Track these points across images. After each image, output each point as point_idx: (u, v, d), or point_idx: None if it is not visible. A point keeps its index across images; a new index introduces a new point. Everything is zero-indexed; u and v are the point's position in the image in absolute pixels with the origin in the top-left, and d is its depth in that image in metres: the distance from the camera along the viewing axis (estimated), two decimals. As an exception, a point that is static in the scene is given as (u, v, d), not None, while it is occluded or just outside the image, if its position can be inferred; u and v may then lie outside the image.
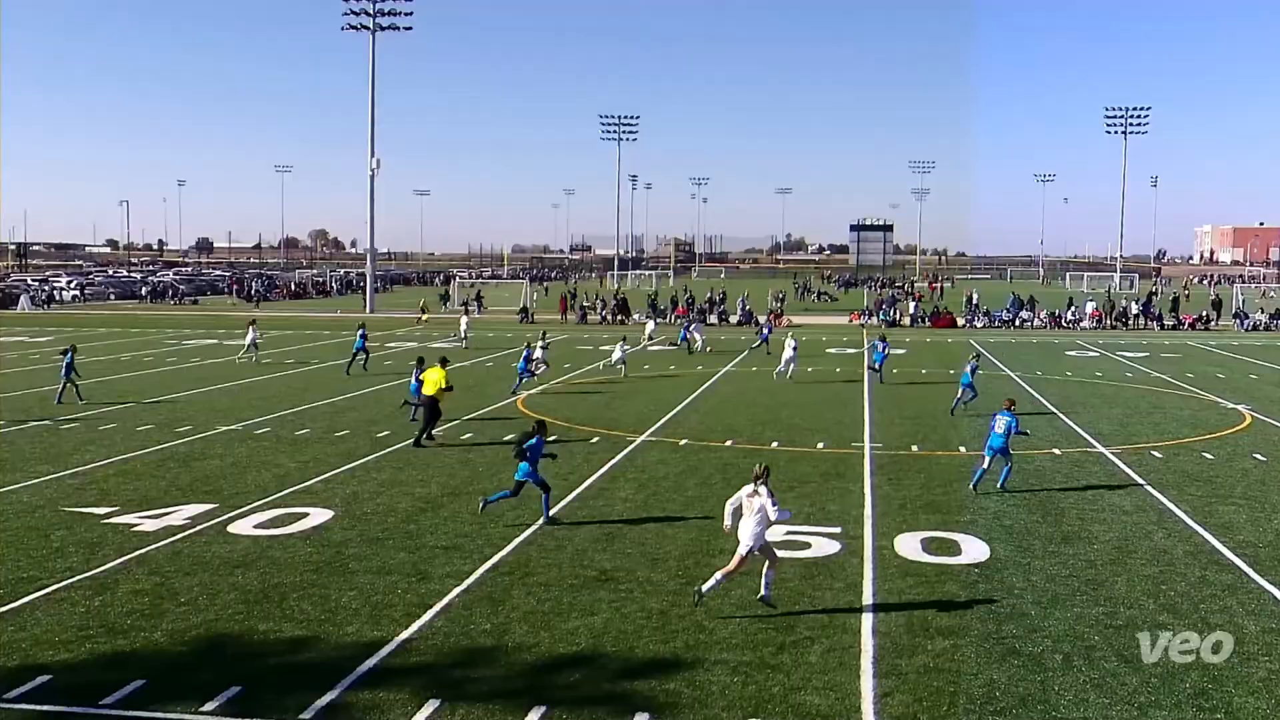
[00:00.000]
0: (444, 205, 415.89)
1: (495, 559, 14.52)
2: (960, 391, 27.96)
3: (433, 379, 23.40)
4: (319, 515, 16.81)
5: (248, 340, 40.10)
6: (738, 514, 12.71)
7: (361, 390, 32.09)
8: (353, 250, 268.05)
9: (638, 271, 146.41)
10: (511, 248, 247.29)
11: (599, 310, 69.86)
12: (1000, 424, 18.68)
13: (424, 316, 64.78)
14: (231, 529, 16.02)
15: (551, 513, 16.55)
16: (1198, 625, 12.01)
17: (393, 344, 48.94)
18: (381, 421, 26.00)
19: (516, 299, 77.84)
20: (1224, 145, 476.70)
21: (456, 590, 13.21)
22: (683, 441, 23.49)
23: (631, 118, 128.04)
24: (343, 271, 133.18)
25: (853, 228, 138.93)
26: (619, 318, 67.85)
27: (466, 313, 59.71)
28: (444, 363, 24.17)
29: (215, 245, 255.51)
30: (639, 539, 15.59)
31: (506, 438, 23.74)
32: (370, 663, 10.94)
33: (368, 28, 78.10)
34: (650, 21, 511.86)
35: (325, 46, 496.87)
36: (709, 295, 75.60)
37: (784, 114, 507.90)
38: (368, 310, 75.88)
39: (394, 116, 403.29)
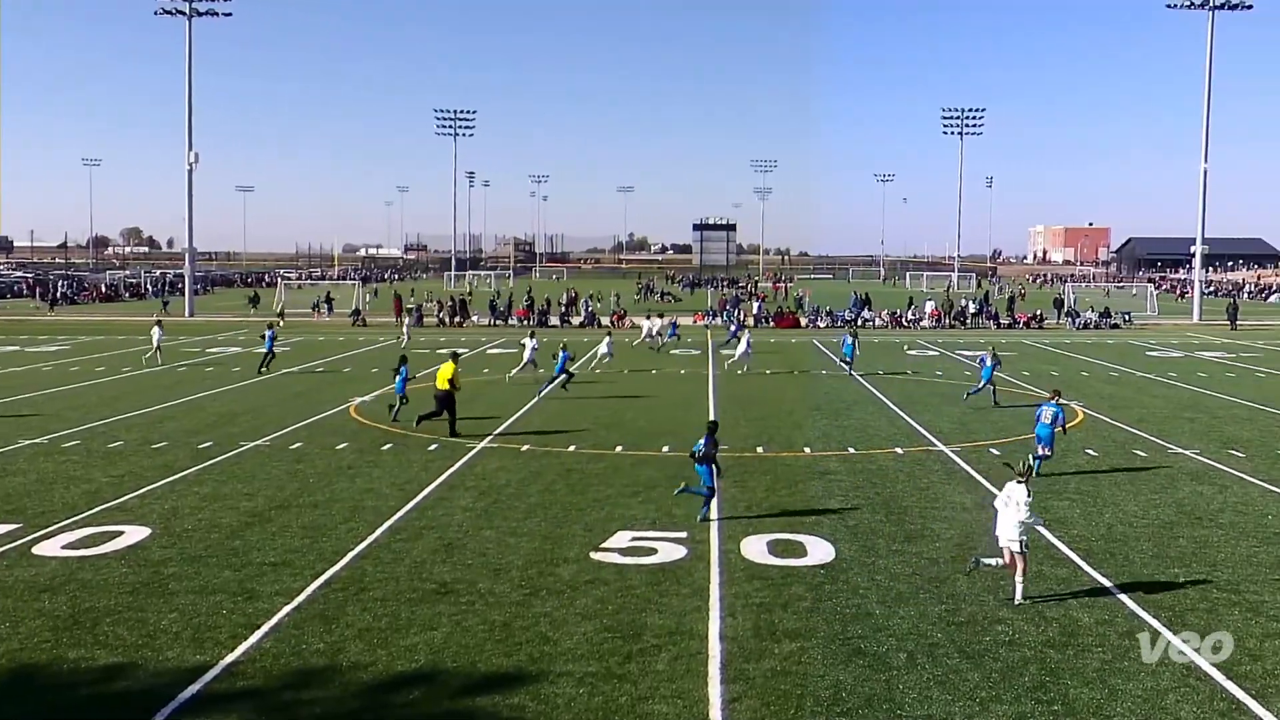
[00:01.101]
0: (269, 202, 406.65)
1: (328, 574, 14.21)
2: (981, 385, 30.10)
3: (444, 373, 25.34)
4: (135, 533, 16.16)
5: (155, 341, 41.21)
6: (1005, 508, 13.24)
7: (181, 399, 31.01)
8: (170, 250, 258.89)
9: (476, 272, 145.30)
10: (343, 247, 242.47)
11: (436, 313, 69.07)
12: (1047, 414, 20.68)
13: (280, 321, 63.02)
14: (37, 550, 15.26)
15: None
16: (1035, 619, 12.54)
17: (215, 349, 47.39)
18: (203, 431, 25.17)
19: (348, 301, 76.39)
20: (1056, 147, 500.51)
21: (286, 609, 12.87)
22: (525, 447, 23.41)
23: (468, 112, 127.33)
24: (159, 273, 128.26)
25: (696, 227, 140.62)
26: (457, 320, 67.22)
27: (316, 314, 59.14)
28: (455, 357, 26.54)
29: (15, 245, 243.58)
30: (480, 549, 15.46)
31: (339, 446, 23.28)
32: (193, 689, 10.56)
33: (183, 12, 75.47)
34: (487, 13, 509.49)
35: (139, 30, 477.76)
36: (566, 296, 75.35)
37: (625, 111, 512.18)
38: (187, 314, 73.35)
39: (214, 108, 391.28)
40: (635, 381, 36.18)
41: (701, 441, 17.45)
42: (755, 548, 15.54)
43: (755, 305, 73.57)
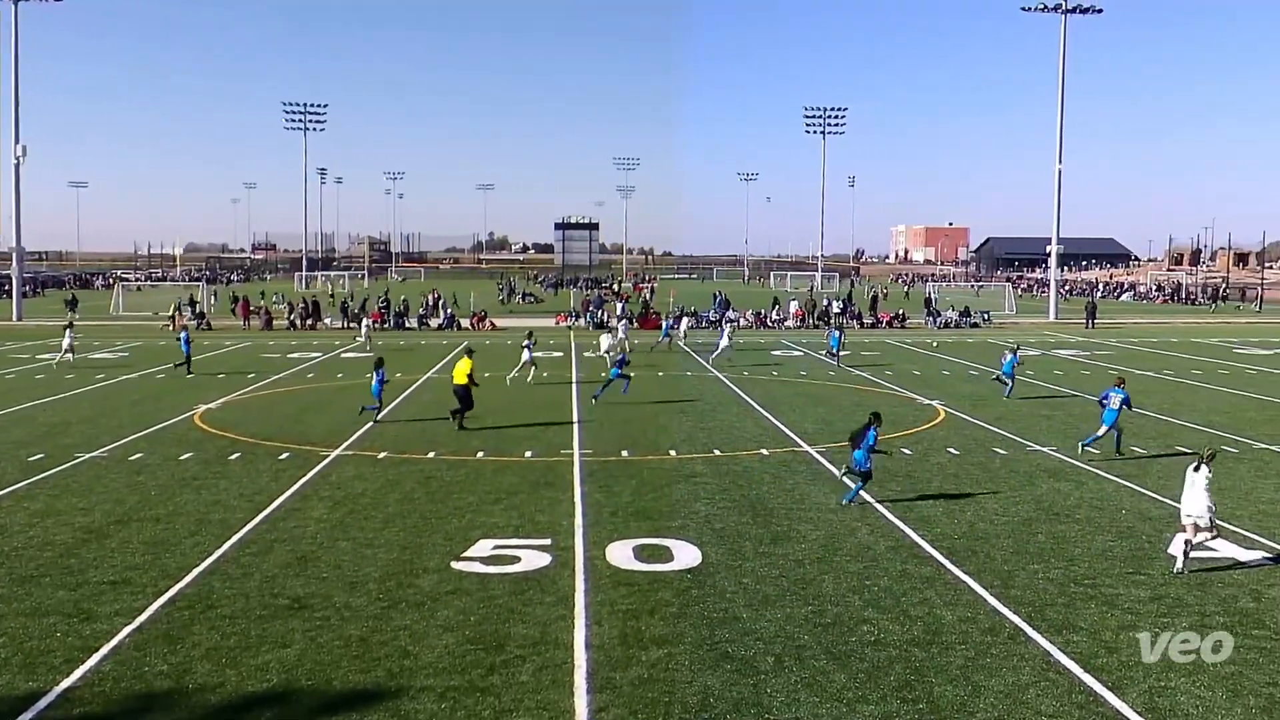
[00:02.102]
0: (105, 199, 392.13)
1: (172, 592, 13.79)
2: (1008, 383, 32.53)
3: (461, 369, 26.97)
4: (-42, 553, 15.43)
5: (64, 344, 40.99)
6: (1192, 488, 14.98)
7: (9, 409, 29.74)
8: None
9: (329, 272, 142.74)
10: (185, 247, 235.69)
11: (286, 315, 67.62)
12: (1115, 400, 23.01)
13: (175, 322, 60.90)
14: None
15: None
16: (899, 618, 12.87)
17: (46, 355, 45.56)
18: (34, 443, 24.19)
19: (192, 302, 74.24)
20: (916, 147, 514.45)
21: (127, 629, 12.44)
22: (381, 454, 23.08)
23: (319, 106, 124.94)
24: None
25: (558, 226, 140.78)
26: (309, 323, 65.92)
27: (173, 319, 57.72)
28: (470, 353, 28.17)
29: None
30: (335, 562, 15.19)
31: (182, 457, 22.62)
32: (25, 718, 10.13)
33: (8, -4, 72.35)
34: (338, 1, 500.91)
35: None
36: (431, 297, 74.32)
37: (484, 107, 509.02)
38: (15, 318, 70.31)
39: (43, 98, 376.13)
40: (496, 386, 35.96)
41: (872, 432, 18.59)
42: (621, 553, 15.60)
43: (619, 306, 73.86)
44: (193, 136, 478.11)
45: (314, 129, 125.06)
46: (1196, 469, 15.05)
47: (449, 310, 68.74)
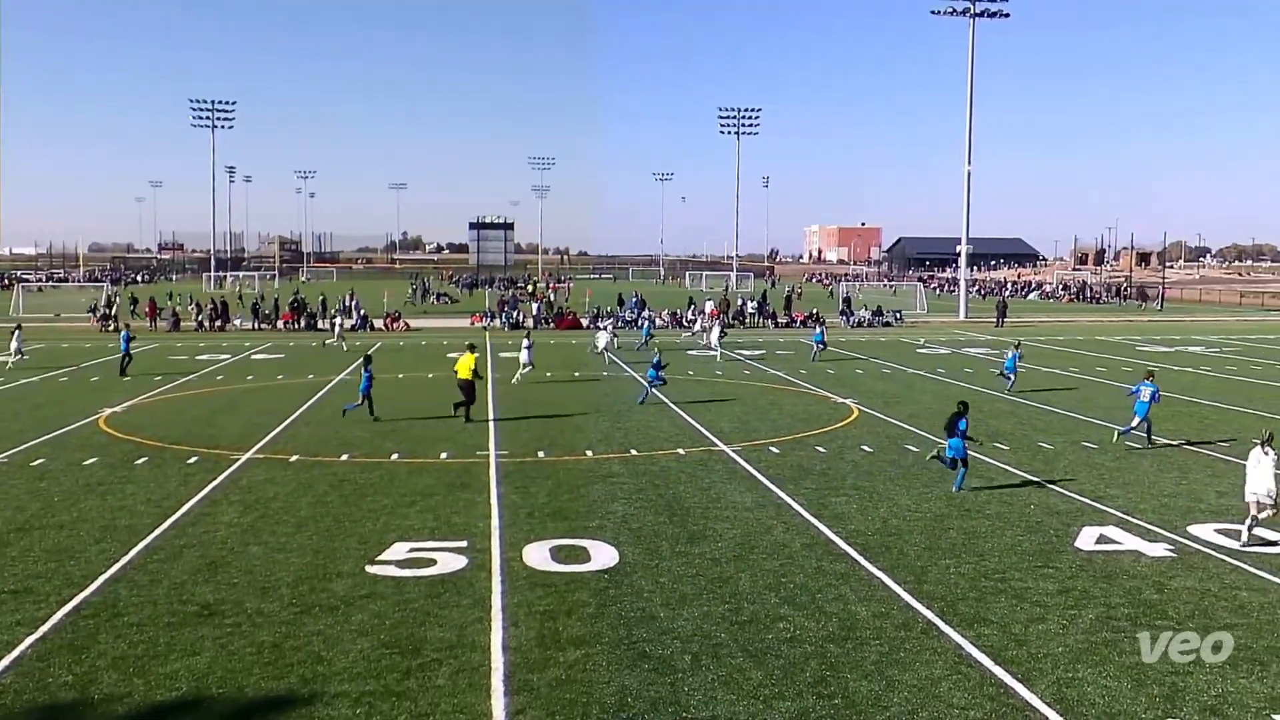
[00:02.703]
0: (4, 197, 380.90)
1: (76, 600, 13.46)
2: (1011, 378, 34.57)
3: (465, 363, 28.27)
4: None
5: (13, 346, 40.82)
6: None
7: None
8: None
9: (238, 273, 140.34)
10: (89, 246, 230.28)
11: (194, 317, 66.40)
12: (1145, 393, 24.35)
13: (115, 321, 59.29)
14: None
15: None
16: (815, 615, 13.00)
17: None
18: (-71, 449, 23.46)
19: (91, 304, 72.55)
20: (830, 148, 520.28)
21: (29, 639, 12.12)
22: (293, 457, 22.76)
23: (227, 103, 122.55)
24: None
25: (472, 226, 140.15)
26: (218, 324, 64.78)
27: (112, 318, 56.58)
28: (472, 349, 29.51)
29: None
30: (246, 567, 14.94)
31: (87, 462, 22.11)
32: (-79, 733, 9.84)
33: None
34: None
35: None
36: (347, 297, 73.24)
37: (397, 104, 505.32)
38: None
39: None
40: (410, 387, 35.67)
41: (963, 422, 19.77)
42: (538, 554, 15.56)
43: (535, 306, 73.64)
44: (96, 133, 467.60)
45: (222, 126, 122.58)
46: (1264, 450, 16.03)
47: (362, 311, 67.93)
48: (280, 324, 66.10)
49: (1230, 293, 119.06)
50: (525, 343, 38.30)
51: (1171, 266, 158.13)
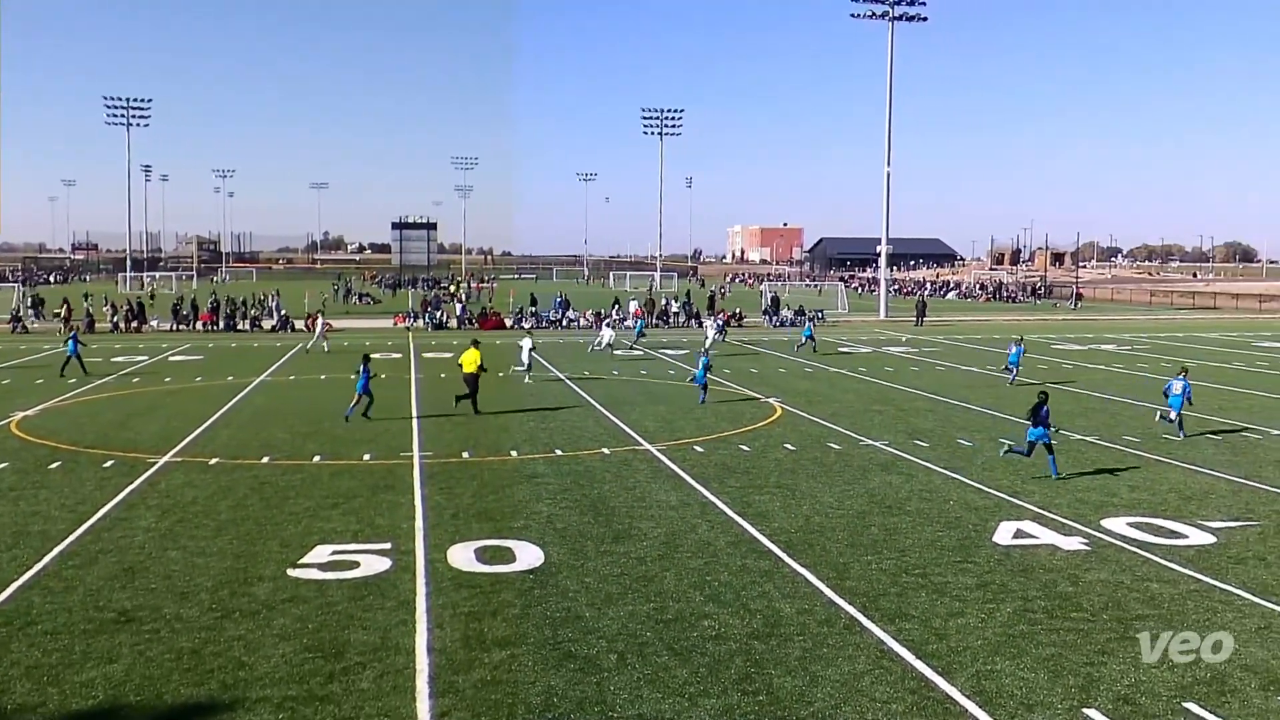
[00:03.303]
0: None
1: (-12, 609, 13.12)
2: (1013, 369, 37.15)
3: (471, 358, 29.50)
4: None
5: None
6: None
7: None
8: None
9: (155, 273, 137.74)
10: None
11: (110, 318, 65.03)
12: (1177, 387, 26.01)
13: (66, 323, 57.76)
14: None
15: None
16: (740, 612, 13.08)
17: None
18: None
19: (4, 305, 70.80)
20: (752, 149, 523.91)
21: (-62, 649, 11.79)
22: (213, 460, 22.39)
23: (142, 101, 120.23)
24: None
25: (395, 225, 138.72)
26: (134, 325, 63.52)
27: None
28: (476, 345, 30.30)
29: None
30: (164, 572, 14.67)
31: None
32: None
33: None
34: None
35: None
36: (265, 298, 72.09)
37: (317, 103, 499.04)
38: None
39: None
40: (332, 388, 35.27)
41: (1045, 410, 20.98)
42: (462, 555, 15.47)
43: (458, 307, 73.21)
44: (5, 130, 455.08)
45: (137, 124, 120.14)
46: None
47: (282, 311, 67.01)
48: (199, 325, 64.96)
49: (1141, 292, 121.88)
50: (526, 344, 38.07)
51: (1085, 266, 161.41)
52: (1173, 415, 26.02)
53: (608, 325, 49.21)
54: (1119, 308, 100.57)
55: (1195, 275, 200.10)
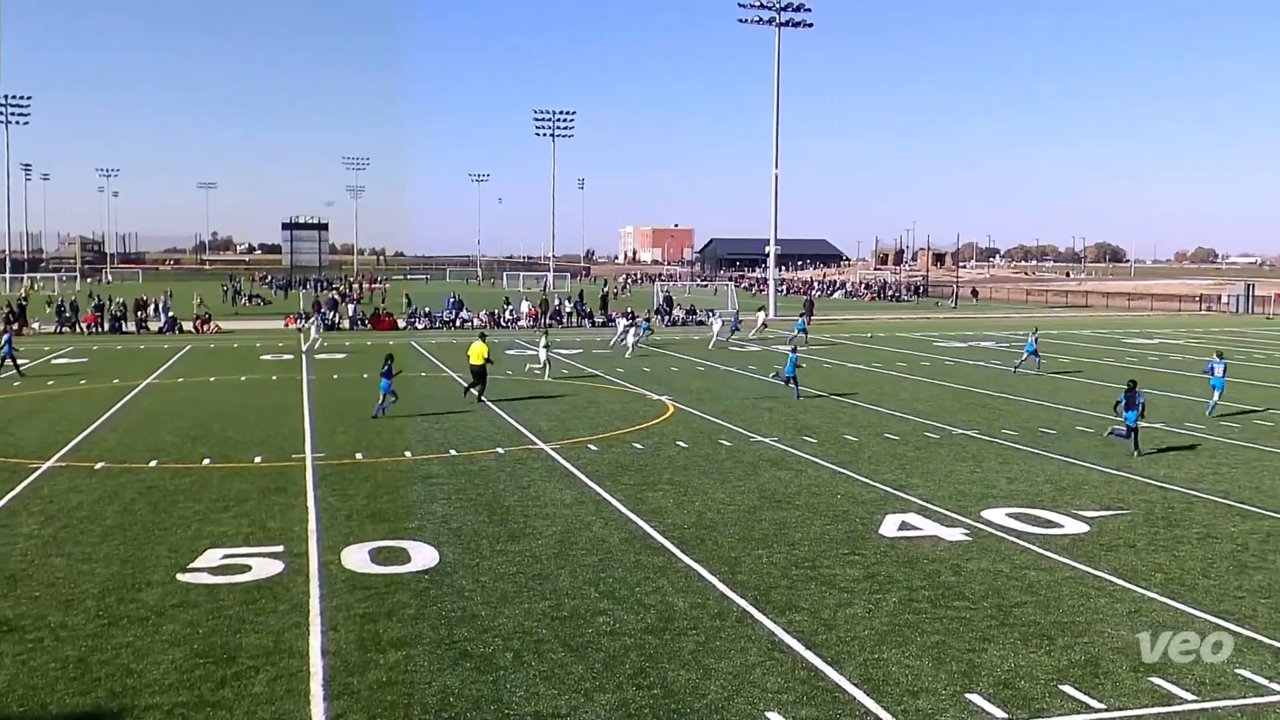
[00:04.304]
0: None
1: None
2: (1024, 357, 40.01)
3: (479, 351, 31.65)
4: None
5: None
6: None
7: None
8: None
9: (36, 274, 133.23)
10: None
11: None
12: (1219, 369, 29.07)
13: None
14: None
15: None
16: (634, 608, 13.11)
17: None
18: None
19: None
20: (643, 150, 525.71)
21: None
22: (99, 465, 21.74)
23: (21, 98, 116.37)
24: None
25: (285, 226, 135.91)
26: (15, 327, 61.33)
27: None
28: (483, 337, 32.90)
29: None
30: (48, 579, 14.20)
31: None
32: None
33: None
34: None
35: None
36: (156, 300, 69.90)
37: (204, 101, 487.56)
38: None
39: None
40: (222, 390, 34.53)
41: (1140, 396, 23.51)
42: (357, 557, 15.26)
43: (351, 308, 72.16)
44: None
45: (16, 122, 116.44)
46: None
47: (170, 313, 65.33)
48: (82, 327, 63.02)
49: (1018, 291, 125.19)
50: (542, 342, 39.03)
51: (964, 266, 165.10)
52: (1216, 396, 28.97)
53: (634, 326, 49.87)
54: (997, 306, 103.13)
55: (1068, 275, 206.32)
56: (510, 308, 72.84)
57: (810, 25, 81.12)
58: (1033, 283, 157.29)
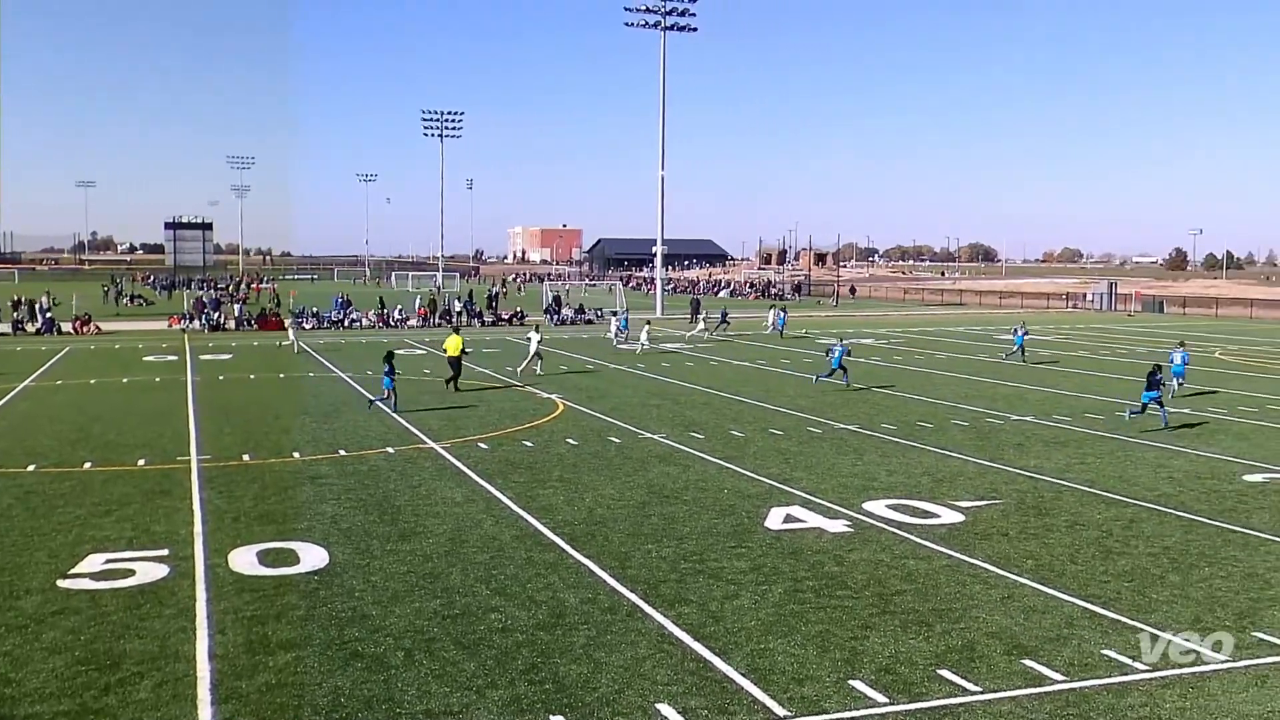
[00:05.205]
0: None
1: None
2: (1017, 349, 43.32)
3: (454, 343, 33.90)
4: None
5: None
6: None
7: None
8: None
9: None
10: None
11: None
12: (1178, 357, 32.10)
13: None
14: None
15: None
16: (525, 604, 13.06)
17: None
18: None
19: None
20: (531, 151, 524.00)
21: None
22: (-27, 470, 20.91)
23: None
24: None
25: (168, 225, 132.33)
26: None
27: None
28: (457, 330, 36.17)
29: None
30: (-79, 588, 13.62)
31: None
32: None
33: None
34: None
35: None
36: (36, 300, 67.31)
37: (82, 99, 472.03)
38: None
39: None
40: (104, 392, 33.49)
41: (1159, 378, 26.22)
42: (245, 559, 14.93)
43: (237, 308, 70.57)
44: None
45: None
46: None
47: (48, 314, 63.11)
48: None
49: (896, 289, 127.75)
50: (535, 335, 39.63)
51: (845, 266, 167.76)
52: (1177, 383, 31.76)
53: (647, 325, 51.12)
54: (877, 304, 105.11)
55: (943, 274, 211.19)
56: (399, 308, 71.94)
57: (695, 30, 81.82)
58: (910, 282, 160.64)
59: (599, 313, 74.07)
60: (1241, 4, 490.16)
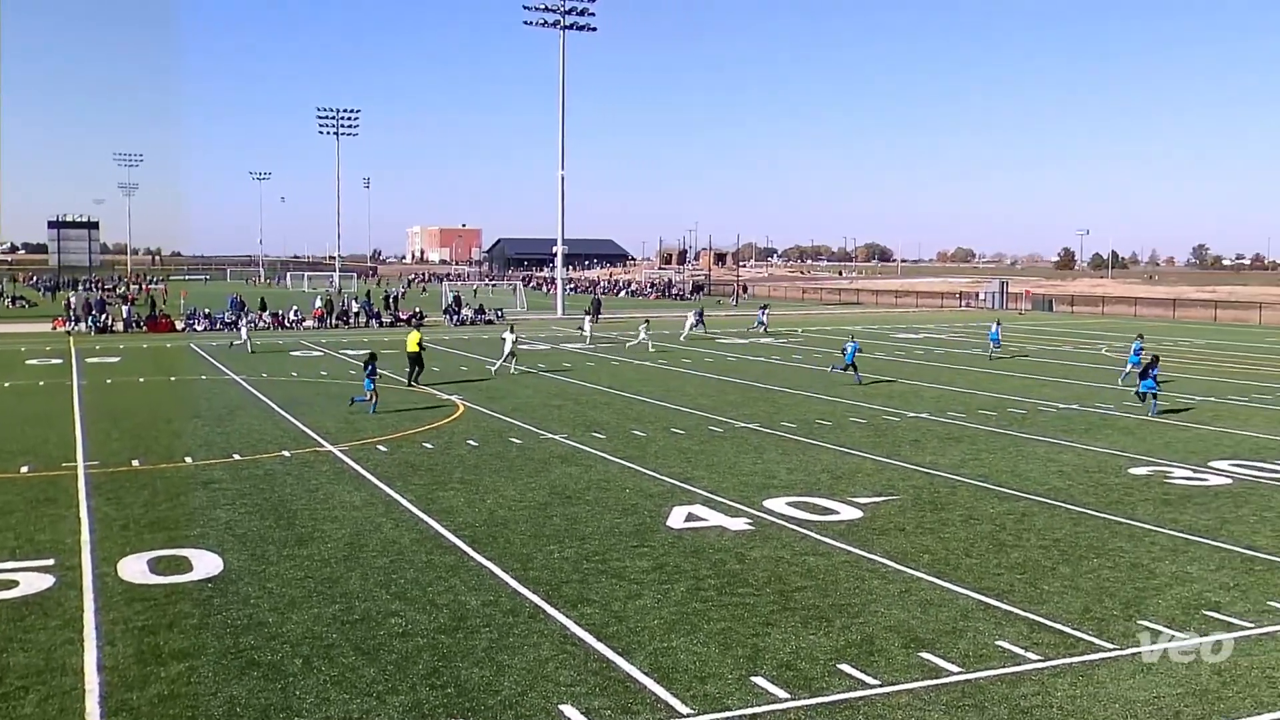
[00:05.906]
0: None
1: None
2: (994, 345, 45.74)
3: (413, 338, 35.50)
4: None
5: None
6: None
7: None
8: None
9: None
10: None
11: None
12: (1134, 348, 36.55)
13: None
14: None
15: None
16: (426, 608, 12.93)
17: None
18: None
19: None
20: (430, 150, 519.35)
21: None
22: None
23: None
24: None
25: (51, 225, 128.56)
26: None
27: None
28: (418, 327, 36.25)
29: None
30: None
31: None
32: None
33: None
34: None
35: None
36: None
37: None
38: None
39: None
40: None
41: (1156, 368, 28.96)
42: (135, 568, 14.54)
43: (125, 309, 68.70)
44: None
45: None
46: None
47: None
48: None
49: (794, 289, 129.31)
50: (510, 335, 39.85)
51: (744, 266, 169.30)
52: (1129, 368, 35.14)
53: (645, 326, 51.78)
54: (775, 303, 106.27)
55: (840, 273, 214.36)
56: (294, 308, 70.73)
57: (594, 29, 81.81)
58: (807, 281, 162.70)
59: (499, 313, 73.71)
60: (1124, 9, 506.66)
